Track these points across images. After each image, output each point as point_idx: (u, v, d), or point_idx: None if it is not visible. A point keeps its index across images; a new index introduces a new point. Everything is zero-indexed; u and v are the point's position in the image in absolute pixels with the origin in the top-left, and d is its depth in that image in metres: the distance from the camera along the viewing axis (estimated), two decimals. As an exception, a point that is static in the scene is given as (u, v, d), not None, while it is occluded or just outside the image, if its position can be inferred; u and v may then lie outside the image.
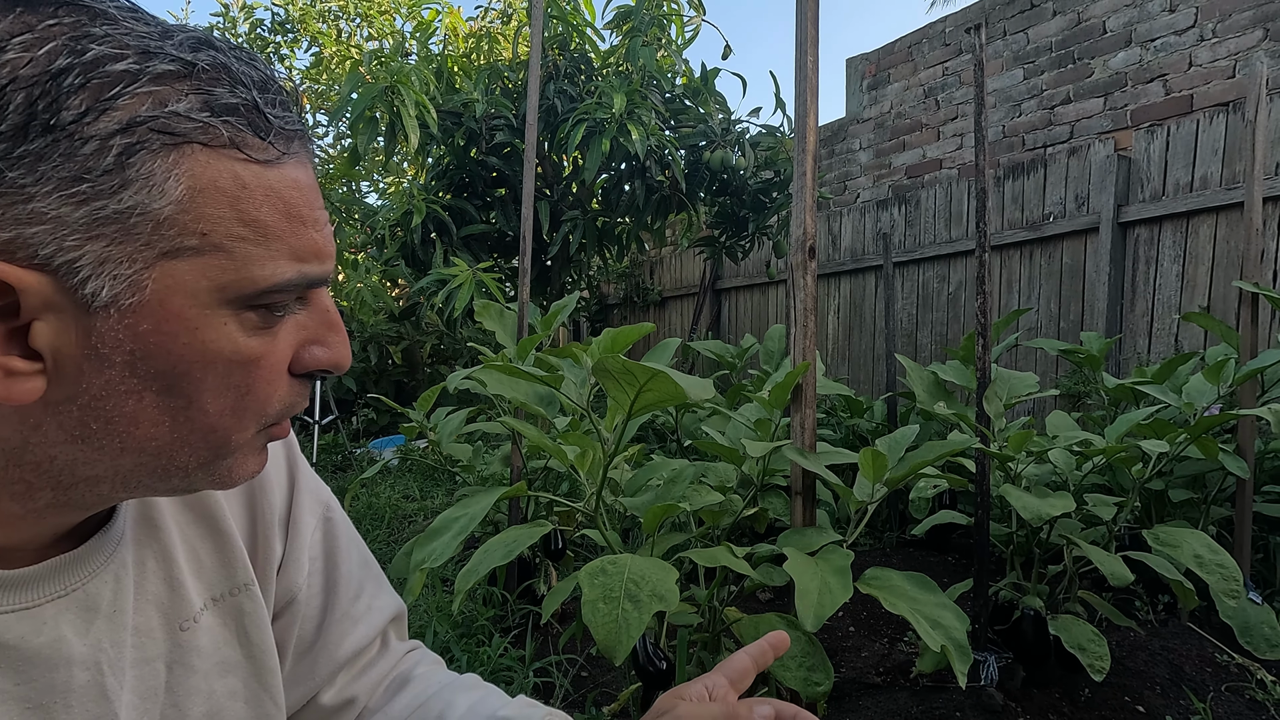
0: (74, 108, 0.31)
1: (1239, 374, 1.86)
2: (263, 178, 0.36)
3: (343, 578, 0.60)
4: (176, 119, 0.33)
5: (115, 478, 0.38)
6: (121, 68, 0.32)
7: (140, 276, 0.33)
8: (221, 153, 0.35)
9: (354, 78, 3.43)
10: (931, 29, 4.84)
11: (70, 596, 0.41)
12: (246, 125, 0.35)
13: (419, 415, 2.24)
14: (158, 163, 0.33)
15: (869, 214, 4.90)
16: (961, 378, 2.12)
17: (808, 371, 1.30)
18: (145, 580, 0.46)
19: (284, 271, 0.37)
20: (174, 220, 0.33)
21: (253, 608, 0.52)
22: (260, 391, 0.39)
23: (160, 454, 0.37)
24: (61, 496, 0.37)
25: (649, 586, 0.84)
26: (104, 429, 0.35)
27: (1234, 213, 3.18)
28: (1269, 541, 2.27)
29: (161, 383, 0.35)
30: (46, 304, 0.32)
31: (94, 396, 0.34)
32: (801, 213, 1.31)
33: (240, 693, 0.51)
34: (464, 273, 3.22)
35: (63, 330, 0.33)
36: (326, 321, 0.42)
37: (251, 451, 0.42)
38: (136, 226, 0.33)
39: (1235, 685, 1.77)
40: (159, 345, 0.35)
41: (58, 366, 0.33)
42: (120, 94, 0.32)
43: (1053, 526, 1.71)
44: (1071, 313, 3.83)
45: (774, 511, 1.57)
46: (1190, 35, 3.57)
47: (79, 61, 0.31)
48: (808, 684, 0.96)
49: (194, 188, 0.34)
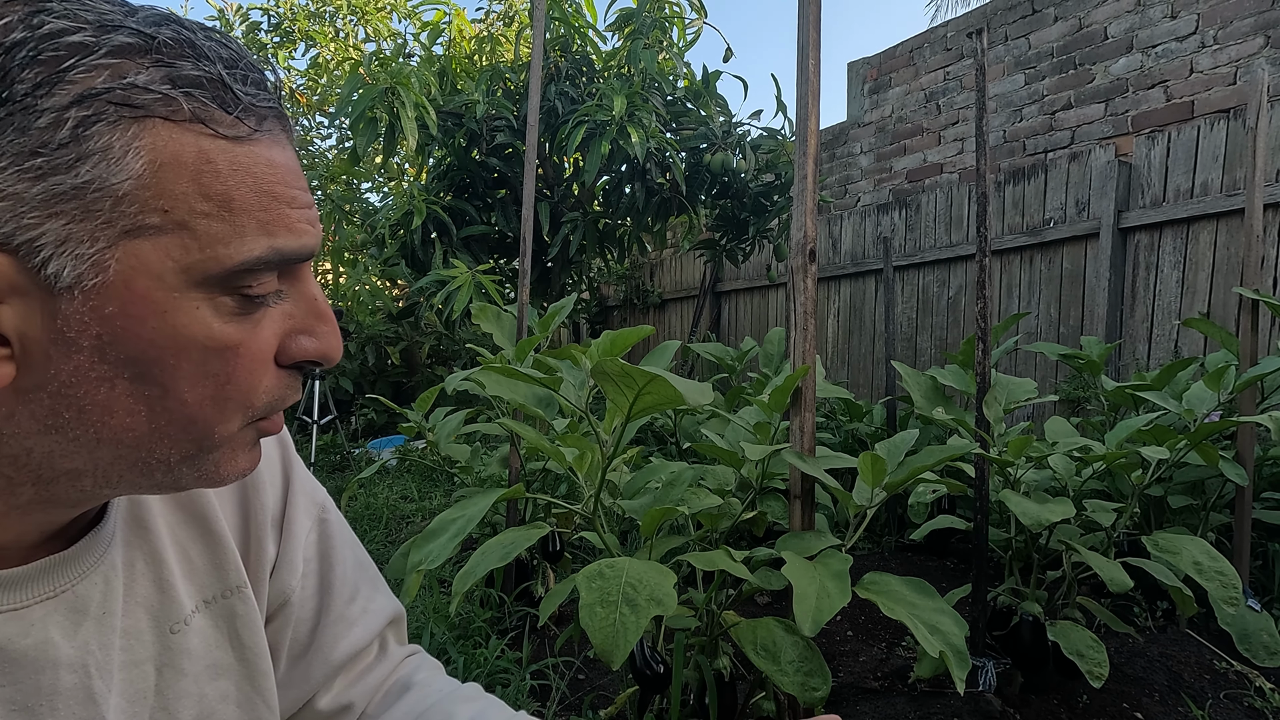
0: (27, 80, 0.30)
1: (1239, 381, 1.85)
2: (230, 154, 0.34)
3: (338, 579, 0.59)
4: (135, 91, 0.32)
5: (96, 471, 0.37)
6: (77, 39, 0.31)
7: (103, 256, 0.32)
8: (185, 127, 0.33)
9: (354, 79, 3.44)
10: (933, 34, 4.84)
11: (59, 598, 0.40)
12: (212, 99, 0.34)
13: (418, 416, 2.23)
14: (116, 136, 0.31)
15: (869, 218, 4.90)
16: (960, 382, 2.12)
17: (807, 375, 1.29)
18: (135, 582, 0.45)
19: (252, 248, 0.35)
20: (134, 196, 0.32)
21: (245, 610, 0.51)
22: (242, 381, 0.37)
23: (139, 446, 0.36)
24: (44, 492, 0.37)
25: (646, 590, 0.84)
26: (77, 418, 0.34)
27: (1234, 219, 3.18)
28: (1268, 548, 2.27)
29: (133, 369, 0.34)
30: (10, 286, 0.31)
31: (64, 383, 0.33)
32: (802, 216, 1.31)
33: (232, 696, 0.50)
34: (463, 274, 3.22)
35: (28, 314, 0.32)
36: (314, 311, 0.40)
37: (241, 447, 0.40)
38: (96, 203, 0.31)
39: (1234, 693, 1.76)
40: (126, 329, 0.33)
41: (25, 351, 0.32)
42: (75, 66, 0.31)
43: (1052, 532, 1.71)
44: (1071, 318, 3.83)
45: (772, 515, 1.57)
46: (1191, 42, 3.58)
47: (33, 35, 0.30)
48: (805, 689, 0.96)
49: (155, 162, 0.32)
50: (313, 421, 4.36)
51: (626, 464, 1.94)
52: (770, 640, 1.00)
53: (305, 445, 4.81)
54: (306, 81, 6.75)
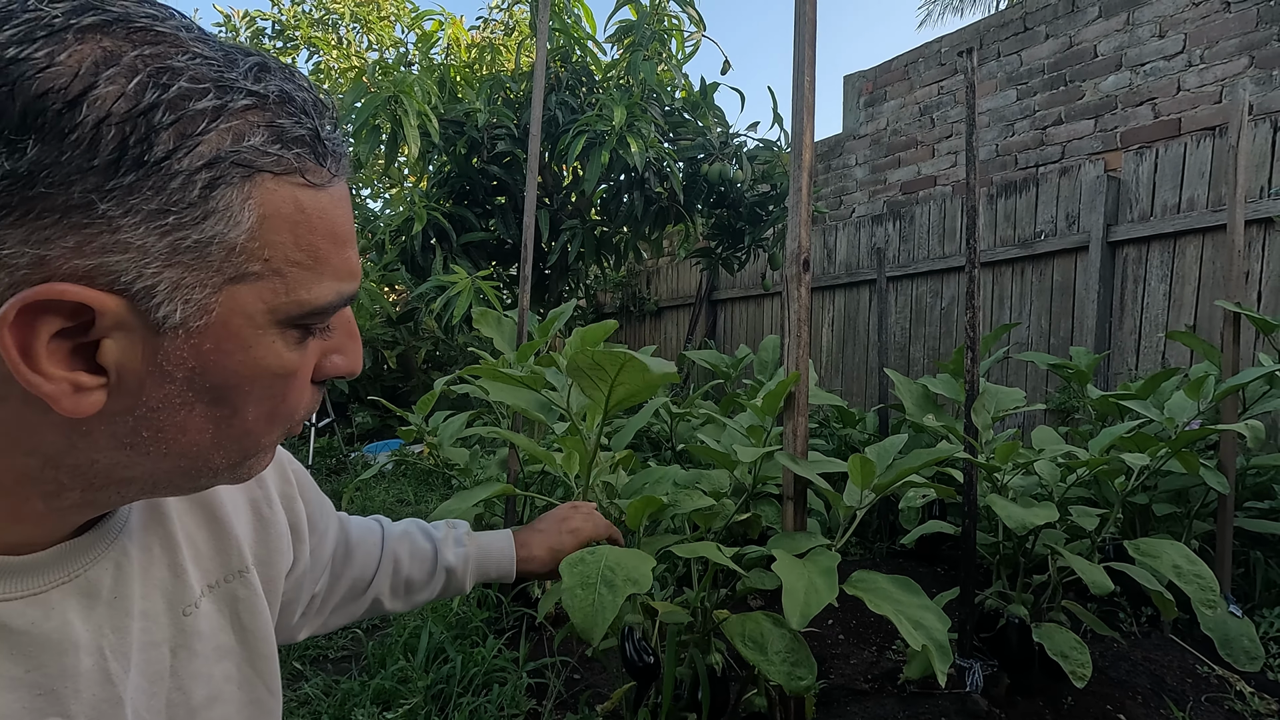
0: (163, 143, 0.32)
1: (1219, 390, 1.90)
2: (317, 201, 0.38)
3: (314, 507, 0.67)
4: (254, 153, 0.35)
5: (148, 479, 0.40)
6: (205, 104, 0.34)
7: (209, 300, 0.35)
8: (285, 179, 0.37)
9: (358, 87, 3.49)
10: (928, 49, 4.92)
11: (73, 582, 0.42)
12: (310, 154, 0.38)
13: (418, 418, 2.27)
14: (235, 194, 0.35)
15: (864, 229, 4.97)
16: (951, 391, 2.17)
17: (800, 380, 1.34)
18: (152, 566, 0.47)
19: (325, 294, 0.39)
20: (244, 248, 0.36)
21: (247, 594, 0.53)
22: (292, 399, 0.42)
23: (199, 458, 0.40)
24: (89, 496, 0.39)
25: (624, 572, 0.88)
26: (154, 437, 0.37)
27: (1220, 234, 3.25)
28: (1250, 556, 2.31)
29: (213, 395, 0.38)
30: (118, 324, 0.34)
31: (151, 409, 0.36)
32: (797, 227, 1.36)
33: (234, 677, 0.52)
34: (463, 280, 3.26)
35: (130, 348, 0.34)
36: (348, 330, 0.45)
37: (269, 451, 0.45)
38: (212, 255, 0.35)
39: (1215, 696, 1.80)
40: (217, 363, 0.37)
41: (121, 381, 0.35)
42: (205, 130, 0.33)
43: (1038, 536, 1.75)
44: (1061, 329, 3.89)
45: (766, 519, 1.60)
46: (1179, 61, 3.66)
47: (165, 98, 0.32)
48: (791, 678, 0.99)
49: (262, 215, 0.36)
50: (311, 425, 4.38)
51: (623, 468, 1.98)
52: (758, 632, 1.04)
53: (303, 448, 4.83)
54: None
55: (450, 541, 0.82)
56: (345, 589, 0.75)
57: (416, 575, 0.80)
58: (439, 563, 0.81)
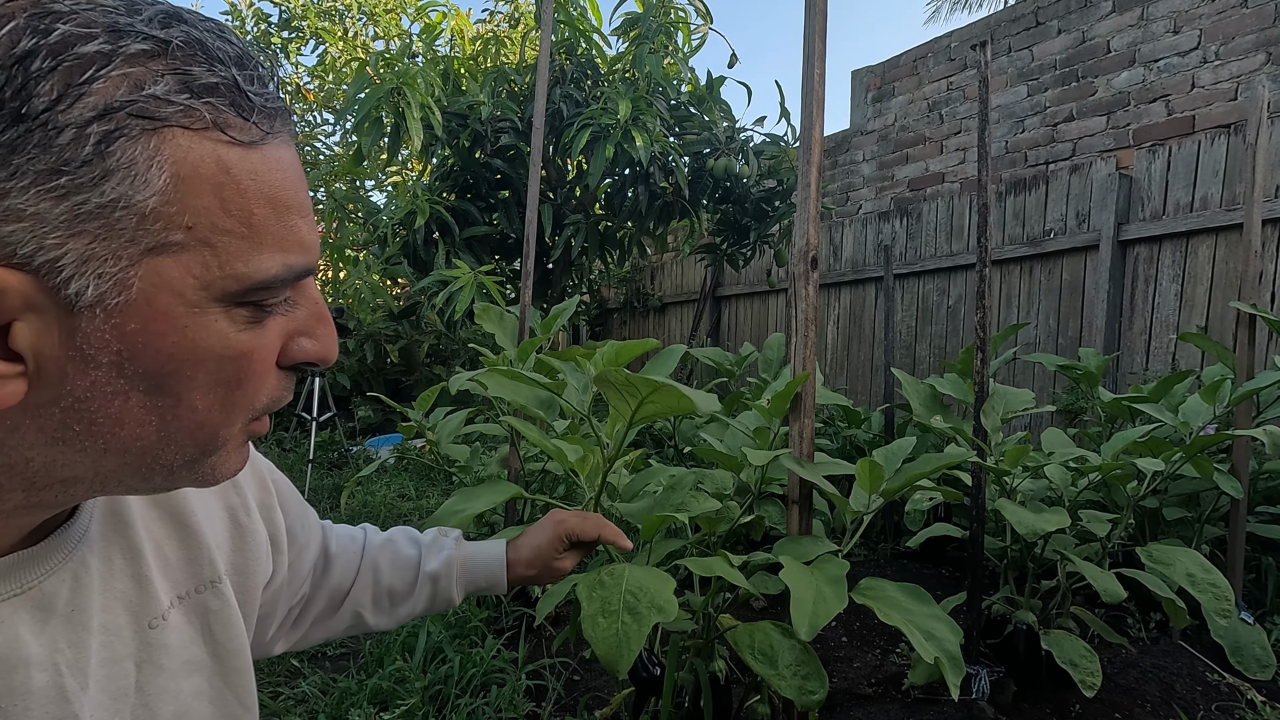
0: (44, 94, 0.28)
1: (1235, 394, 1.87)
2: (247, 161, 0.34)
3: (294, 518, 0.64)
4: (155, 102, 0.31)
5: (94, 478, 0.36)
6: (93, 49, 0.29)
7: (126, 275, 0.31)
8: (203, 135, 0.32)
9: (361, 78, 3.45)
10: (937, 44, 4.86)
11: (25, 595, 0.39)
12: (229, 105, 0.33)
13: (418, 414, 2.24)
14: (138, 150, 0.30)
15: (870, 225, 4.92)
16: (959, 391, 2.13)
17: (807, 381, 1.30)
18: (113, 578, 0.44)
19: (269, 266, 0.35)
20: (158, 213, 0.31)
21: (219, 605, 0.50)
22: (250, 386, 0.38)
23: (145, 453, 0.36)
24: (33, 498, 0.36)
25: (647, 598, 0.85)
26: (87, 430, 0.34)
27: (1233, 234, 3.20)
28: (1261, 562, 2.28)
29: (149, 382, 0.34)
30: (27, 304, 0.30)
31: (78, 399, 0.33)
32: (805, 224, 1.32)
33: (205, 693, 0.49)
34: (466, 275, 3.23)
35: (45, 331, 0.31)
36: (315, 313, 0.40)
37: (235, 448, 0.40)
38: (120, 221, 0.31)
39: (1225, 705, 1.77)
40: (147, 345, 0.33)
41: (40, 369, 0.32)
42: (94, 77, 0.29)
43: (1047, 541, 1.72)
44: (1070, 329, 3.84)
45: (770, 520, 1.58)
46: (1193, 57, 3.60)
47: (45, 43, 0.29)
48: (802, 692, 0.96)
49: (177, 175, 0.31)
50: (312, 419, 4.37)
51: (626, 467, 1.95)
52: (768, 644, 1.01)
53: (304, 442, 4.81)
54: (313, 78, 6.78)
55: (435, 548, 0.79)
56: (323, 602, 0.72)
57: (398, 584, 0.76)
58: (422, 569, 0.77)
